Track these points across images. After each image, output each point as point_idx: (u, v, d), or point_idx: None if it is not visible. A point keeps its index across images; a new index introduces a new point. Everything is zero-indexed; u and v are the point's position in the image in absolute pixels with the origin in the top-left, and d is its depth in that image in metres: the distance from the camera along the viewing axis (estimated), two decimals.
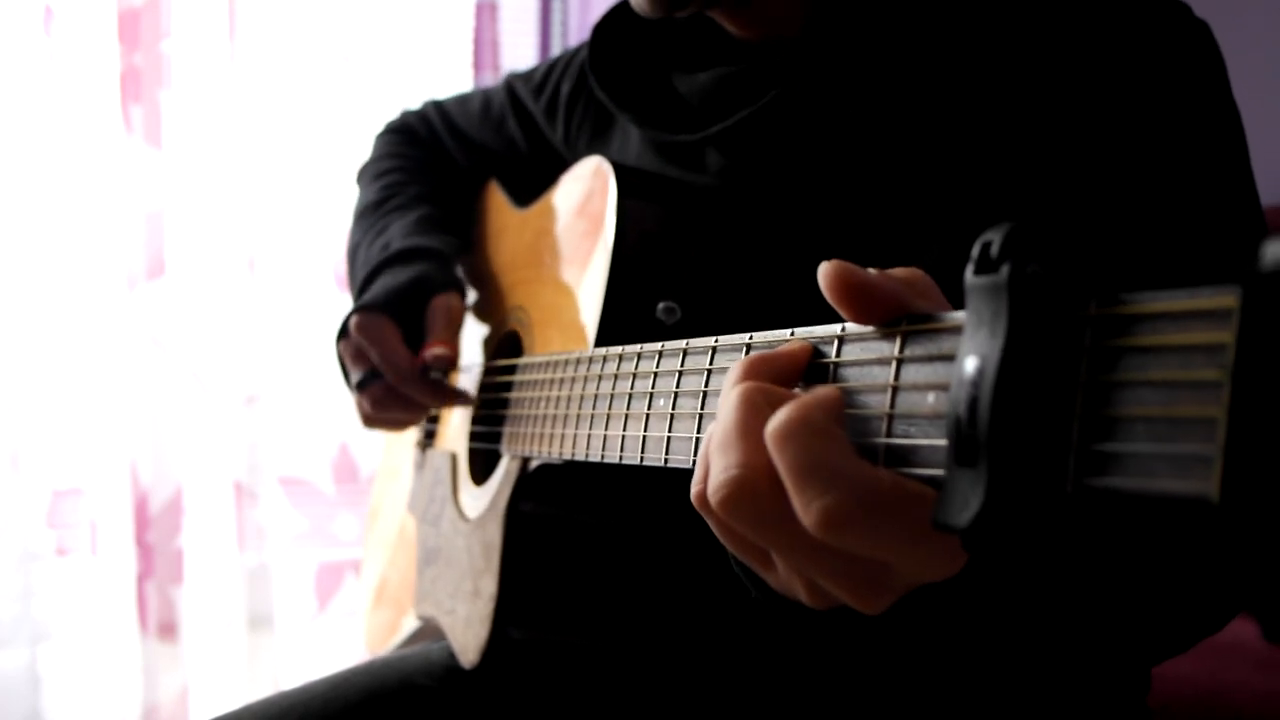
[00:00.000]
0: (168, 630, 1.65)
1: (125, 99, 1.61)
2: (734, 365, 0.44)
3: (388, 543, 1.14)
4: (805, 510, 0.36)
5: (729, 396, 0.41)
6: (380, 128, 1.21)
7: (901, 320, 0.39)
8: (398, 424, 0.97)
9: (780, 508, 0.37)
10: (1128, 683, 0.75)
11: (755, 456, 0.38)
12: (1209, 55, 0.65)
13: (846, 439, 0.37)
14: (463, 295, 0.97)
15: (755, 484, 0.38)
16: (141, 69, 1.62)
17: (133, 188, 1.61)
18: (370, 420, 0.95)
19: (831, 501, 0.35)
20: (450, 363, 0.90)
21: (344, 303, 0.96)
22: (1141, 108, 0.63)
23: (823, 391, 0.38)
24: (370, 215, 1.06)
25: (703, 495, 0.42)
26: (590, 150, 0.95)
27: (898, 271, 0.41)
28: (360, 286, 0.97)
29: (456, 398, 0.91)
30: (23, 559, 1.53)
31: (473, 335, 1.02)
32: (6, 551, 1.52)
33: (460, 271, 1.00)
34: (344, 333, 0.94)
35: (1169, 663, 0.65)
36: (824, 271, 0.39)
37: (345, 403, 0.98)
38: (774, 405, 0.39)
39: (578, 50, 1.02)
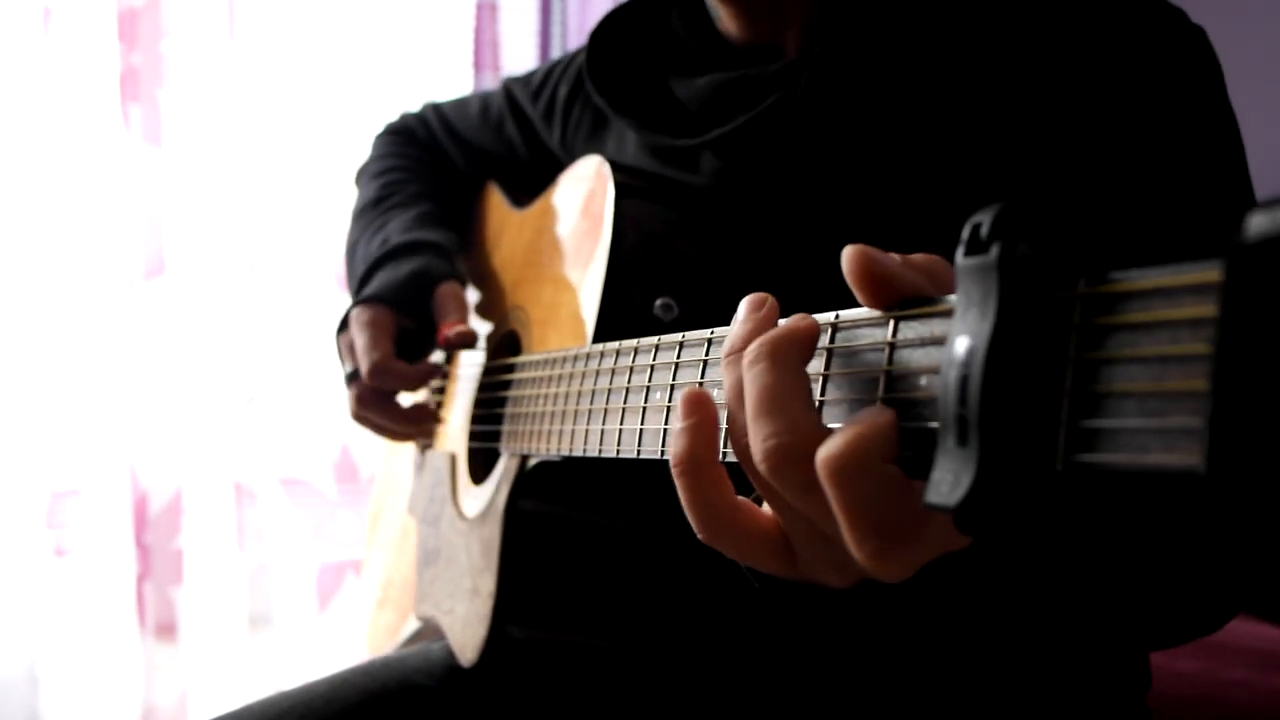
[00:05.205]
0: (167, 630, 1.65)
1: (124, 98, 1.61)
2: (755, 344, 0.42)
3: (390, 546, 1.14)
4: (857, 547, 0.37)
5: (757, 366, 0.40)
6: (379, 129, 1.21)
7: (894, 305, 0.39)
8: (378, 428, 0.96)
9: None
10: (1127, 679, 0.75)
11: (803, 422, 0.38)
12: (1204, 57, 0.67)
13: (896, 473, 0.37)
14: (464, 286, 0.97)
15: (802, 451, 0.38)
16: (140, 68, 1.62)
17: (132, 187, 1.61)
18: (357, 417, 0.95)
19: (882, 544, 0.36)
20: (471, 340, 0.90)
21: (344, 303, 0.96)
22: (1136, 104, 0.64)
23: (881, 419, 0.37)
24: (369, 213, 1.07)
25: (691, 457, 0.43)
26: (586, 151, 0.95)
27: (918, 258, 0.40)
28: (359, 282, 0.97)
29: (429, 373, 0.91)
30: (22, 559, 1.53)
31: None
32: (6, 552, 1.52)
33: (461, 265, 1.01)
34: (344, 326, 0.94)
35: (1169, 662, 0.65)
36: (848, 255, 0.39)
37: (345, 403, 0.98)
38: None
39: (575, 54, 1.03)
